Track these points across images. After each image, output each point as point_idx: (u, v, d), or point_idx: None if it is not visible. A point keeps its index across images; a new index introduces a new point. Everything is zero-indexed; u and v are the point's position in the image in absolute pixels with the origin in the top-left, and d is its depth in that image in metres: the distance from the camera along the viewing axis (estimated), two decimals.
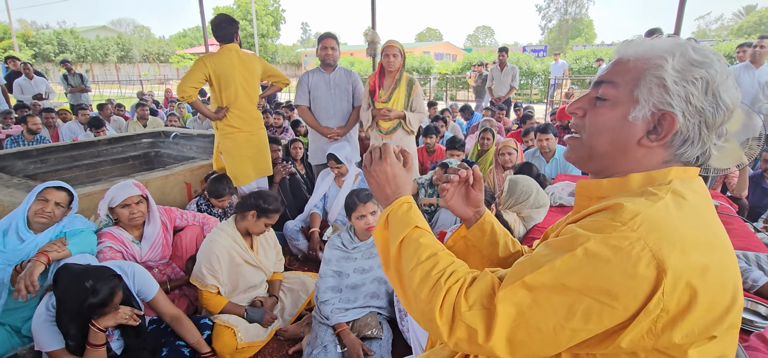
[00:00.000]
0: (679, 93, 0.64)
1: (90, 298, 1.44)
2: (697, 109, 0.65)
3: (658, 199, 0.62)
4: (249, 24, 27.77)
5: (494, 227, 1.02)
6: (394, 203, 0.84)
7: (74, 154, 3.96)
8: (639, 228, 0.58)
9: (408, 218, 0.81)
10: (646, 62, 0.67)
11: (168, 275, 2.26)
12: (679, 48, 0.66)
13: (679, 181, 0.67)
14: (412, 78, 3.11)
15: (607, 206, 0.64)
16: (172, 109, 7.52)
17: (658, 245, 0.56)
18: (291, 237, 2.85)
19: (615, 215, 0.61)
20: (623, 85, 0.70)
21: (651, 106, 0.67)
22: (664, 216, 0.59)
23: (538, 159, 3.68)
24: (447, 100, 14.28)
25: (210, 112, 2.93)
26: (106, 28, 38.99)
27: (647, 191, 0.65)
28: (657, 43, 0.68)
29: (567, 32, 43.37)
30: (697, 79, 0.64)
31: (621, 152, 0.72)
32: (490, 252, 1.02)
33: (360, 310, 1.98)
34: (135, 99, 9.81)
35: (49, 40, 29.84)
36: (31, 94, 6.39)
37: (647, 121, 0.68)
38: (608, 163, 0.74)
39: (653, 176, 0.69)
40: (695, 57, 0.64)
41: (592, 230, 0.61)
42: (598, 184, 0.75)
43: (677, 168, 0.69)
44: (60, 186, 1.98)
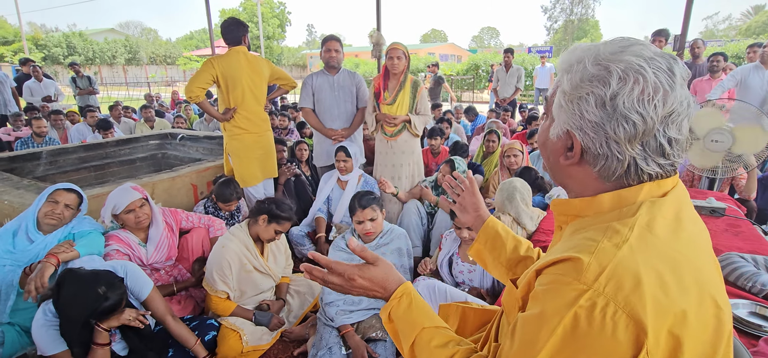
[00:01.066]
0: (573, 111, 0.62)
1: (103, 303, 1.46)
2: (596, 125, 0.61)
3: (621, 241, 0.57)
4: (255, 26, 27.94)
5: (499, 231, 1.07)
6: (391, 299, 0.83)
7: (83, 155, 4.00)
8: (606, 288, 0.53)
9: (411, 317, 0.80)
10: (559, 78, 0.67)
11: (175, 277, 2.28)
12: (582, 59, 0.62)
13: (648, 204, 0.61)
14: (416, 80, 3.12)
15: (569, 256, 0.58)
16: (178, 111, 7.58)
17: (630, 304, 0.51)
18: (297, 243, 2.85)
19: (579, 274, 0.55)
20: (549, 100, 0.70)
21: (561, 125, 0.66)
22: (629, 264, 0.54)
23: (541, 161, 3.66)
24: (452, 101, 14.23)
25: (217, 113, 2.95)
26: (114, 31, 39.45)
27: (612, 229, 0.59)
28: (570, 54, 0.66)
29: (573, 33, 43.13)
30: (588, 95, 0.60)
31: (553, 169, 0.72)
32: (498, 254, 1.07)
33: (365, 312, 1.98)
34: (142, 101, 9.90)
35: (58, 42, 30.22)
36: (40, 97, 6.47)
37: (562, 139, 0.67)
38: (557, 179, 0.73)
39: (623, 196, 0.63)
40: (591, 69, 0.60)
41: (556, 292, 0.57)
42: (570, 203, 0.71)
43: (650, 184, 0.62)
44: (70, 188, 2.00)
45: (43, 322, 1.49)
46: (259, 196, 3.06)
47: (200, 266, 2.37)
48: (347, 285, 0.83)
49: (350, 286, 0.83)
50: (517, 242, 1.07)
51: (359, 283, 0.83)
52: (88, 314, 1.47)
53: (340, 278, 0.83)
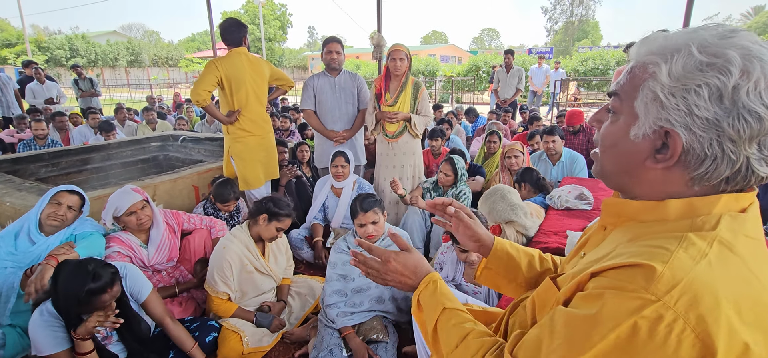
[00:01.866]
0: (678, 106, 0.54)
1: (90, 283, 1.44)
2: (709, 122, 0.53)
3: (700, 255, 0.51)
4: (257, 28, 28.02)
5: (509, 252, 1.01)
6: (420, 285, 0.88)
7: (85, 157, 4.02)
8: (677, 303, 0.48)
9: (435, 300, 0.84)
10: (644, 68, 0.58)
11: (176, 278, 2.28)
12: (682, 46, 0.54)
13: (729, 218, 0.55)
14: (417, 81, 3.12)
15: (638, 262, 0.53)
16: (180, 113, 7.61)
17: (701, 324, 0.47)
18: (296, 246, 2.85)
19: (648, 283, 0.50)
20: (625, 96, 0.61)
21: (651, 123, 0.57)
22: (708, 282, 0.49)
23: (544, 162, 3.65)
24: (452, 102, 14.25)
25: (223, 116, 2.92)
26: (117, 33, 39.56)
27: (688, 240, 0.53)
28: (665, 40, 0.57)
29: (573, 34, 43.12)
30: (700, 87, 0.52)
31: (627, 173, 0.63)
32: (515, 276, 1.01)
33: (366, 314, 1.98)
34: (145, 103, 9.94)
35: (60, 45, 30.33)
36: (42, 99, 6.50)
37: (651, 139, 0.58)
38: (622, 183, 0.66)
39: (695, 206, 0.57)
40: (701, 58, 0.52)
41: (617, 298, 0.52)
42: (626, 205, 0.65)
43: (727, 197, 0.56)
44: (72, 190, 2.00)
45: (40, 322, 1.49)
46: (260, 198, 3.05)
47: (202, 267, 2.38)
48: (383, 269, 0.90)
49: (386, 270, 0.90)
50: (531, 257, 1.02)
51: (393, 267, 0.90)
52: (77, 293, 1.44)
53: (377, 262, 0.91)
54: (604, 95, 13.92)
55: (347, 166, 2.92)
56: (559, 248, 2.15)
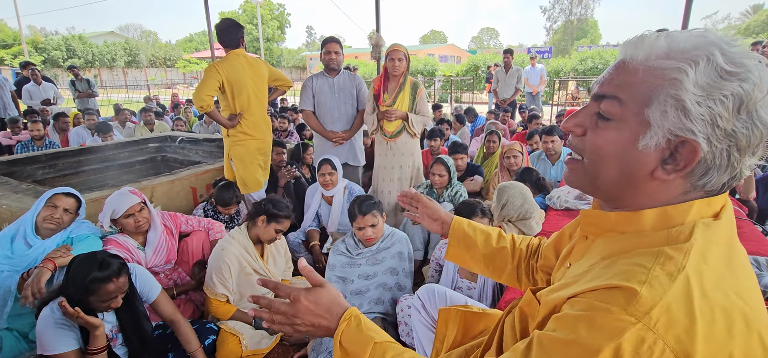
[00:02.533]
0: (703, 116, 0.51)
1: (96, 271, 1.44)
2: (727, 133, 0.51)
3: (676, 270, 0.51)
4: (255, 28, 27.96)
5: (466, 230, 1.10)
6: (340, 324, 0.76)
7: (82, 159, 4.00)
8: (656, 325, 0.47)
9: (361, 336, 0.74)
10: (660, 74, 0.53)
11: (174, 280, 2.27)
12: (704, 52, 0.51)
13: (703, 227, 0.55)
14: (416, 81, 3.11)
15: (617, 284, 0.52)
16: (178, 114, 7.58)
17: (681, 344, 0.47)
18: (293, 250, 2.82)
19: (628, 305, 0.49)
20: (631, 102, 0.56)
21: (666, 132, 0.54)
22: (683, 300, 0.49)
23: (543, 162, 3.65)
24: (451, 102, 14.25)
25: (226, 121, 2.87)
26: (114, 34, 39.47)
27: (665, 256, 0.53)
28: (675, 44, 0.53)
29: (572, 33, 43.19)
30: (726, 97, 0.50)
31: (630, 184, 0.59)
32: (473, 253, 1.11)
33: (365, 315, 1.97)
34: (142, 103, 9.91)
35: (57, 45, 30.24)
36: (39, 100, 6.47)
37: (661, 148, 0.55)
38: (616, 194, 0.63)
39: (670, 215, 0.57)
40: (725, 66, 0.50)
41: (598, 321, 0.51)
42: (604, 217, 0.64)
43: (700, 202, 0.56)
44: (68, 192, 1.99)
45: (52, 320, 1.47)
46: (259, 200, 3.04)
47: (200, 269, 2.36)
48: (291, 311, 0.76)
49: (294, 312, 0.76)
50: (487, 235, 1.10)
51: (304, 306, 0.76)
52: (84, 278, 1.45)
53: (285, 304, 0.77)
54: None
55: (335, 173, 2.84)
56: None
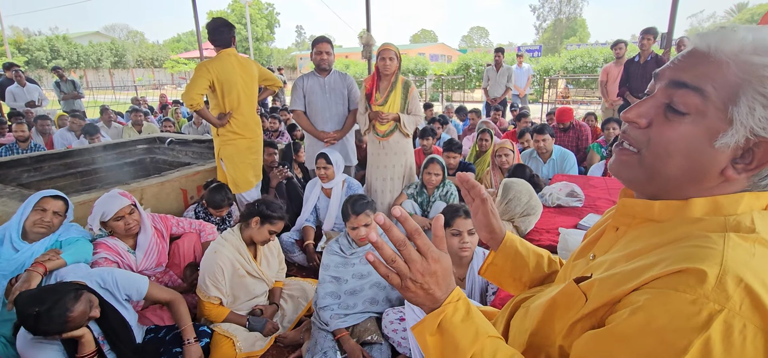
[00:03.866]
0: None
1: (41, 325, 1.37)
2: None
3: (749, 256, 0.49)
4: (244, 28, 27.71)
5: (519, 249, 0.97)
6: (445, 304, 0.64)
7: (68, 161, 3.92)
8: (742, 307, 0.46)
9: (471, 326, 0.64)
10: (750, 70, 0.51)
11: (165, 283, 2.24)
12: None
13: (759, 216, 0.54)
14: (408, 80, 3.11)
15: (688, 267, 0.49)
16: (166, 115, 7.48)
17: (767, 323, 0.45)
18: (287, 250, 2.82)
19: (707, 290, 0.47)
20: (715, 97, 0.53)
21: (748, 131, 0.52)
22: (761, 283, 0.47)
23: (535, 160, 3.68)
24: (443, 101, 14.29)
25: (215, 119, 2.87)
26: (100, 34, 38.84)
27: (732, 241, 0.51)
28: (763, 41, 0.51)
29: (561, 32, 43.63)
30: None
31: (695, 181, 0.58)
32: (520, 275, 0.97)
33: (359, 315, 1.97)
34: (129, 105, 9.76)
35: (41, 46, 29.65)
36: (23, 102, 6.33)
37: (737, 147, 0.53)
38: (671, 189, 0.60)
39: (720, 204, 0.56)
40: None
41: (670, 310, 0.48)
42: (648, 206, 0.62)
43: (749, 195, 0.55)
44: (56, 195, 1.95)
45: (30, 336, 1.45)
46: (252, 200, 3.02)
47: (192, 272, 2.34)
48: (422, 267, 0.62)
49: (425, 269, 0.62)
50: (539, 257, 0.98)
51: (434, 267, 0.62)
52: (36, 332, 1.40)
53: (418, 259, 0.62)
54: (592, 92, 14.08)
55: (330, 167, 2.88)
56: (551, 245, 2.16)
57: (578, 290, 0.64)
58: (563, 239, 2.07)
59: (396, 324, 1.88)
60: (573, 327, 0.63)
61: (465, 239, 1.89)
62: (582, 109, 11.01)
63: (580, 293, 0.63)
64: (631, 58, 4.88)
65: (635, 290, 0.54)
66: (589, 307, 0.60)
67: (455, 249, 1.92)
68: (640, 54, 4.73)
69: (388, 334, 1.89)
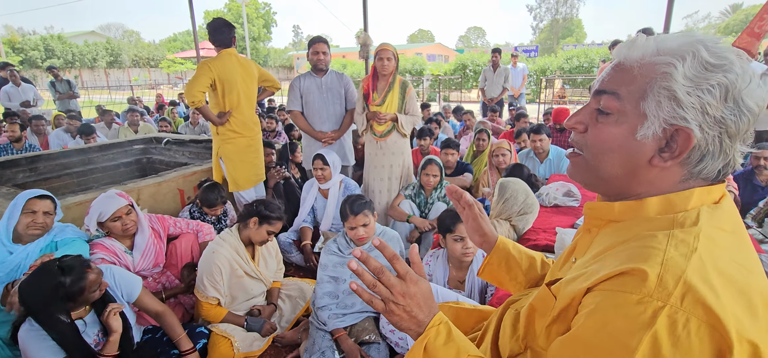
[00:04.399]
0: (693, 104, 0.55)
1: (61, 277, 1.40)
2: (717, 120, 0.56)
3: (690, 251, 0.53)
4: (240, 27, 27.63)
5: (511, 252, 1.02)
6: (429, 329, 0.70)
7: (64, 162, 3.90)
8: (684, 302, 0.48)
9: (453, 347, 0.69)
10: (652, 69, 0.58)
11: (163, 284, 2.23)
12: (690, 49, 0.56)
13: (706, 211, 0.58)
14: (405, 81, 3.12)
15: (632, 268, 0.53)
16: (162, 115, 7.45)
17: (710, 316, 0.48)
18: (284, 250, 2.82)
19: (649, 289, 0.50)
20: (628, 97, 0.61)
21: (661, 122, 0.58)
22: (704, 276, 0.50)
23: (531, 160, 3.69)
24: (440, 101, 14.31)
25: (215, 117, 2.89)
26: (95, 33, 38.62)
27: (675, 238, 0.55)
28: (664, 44, 0.59)
29: (558, 32, 43.76)
30: (713, 86, 0.55)
31: (631, 174, 0.63)
32: (515, 275, 1.02)
33: (357, 315, 1.97)
34: (125, 105, 9.71)
35: (35, 45, 29.44)
36: (18, 102, 6.28)
37: (658, 138, 0.59)
38: (619, 186, 0.66)
39: (672, 201, 0.60)
40: (710, 59, 0.55)
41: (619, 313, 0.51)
42: (609, 208, 0.67)
43: (700, 190, 0.60)
44: (42, 194, 1.93)
45: (33, 333, 1.44)
46: (250, 200, 3.02)
47: (189, 272, 2.33)
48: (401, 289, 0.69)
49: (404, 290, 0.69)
50: (532, 260, 1.02)
51: (414, 290, 0.70)
52: (53, 298, 1.41)
53: (396, 281, 0.69)
54: (588, 93, 14.13)
55: (327, 168, 2.87)
56: (548, 244, 2.17)
57: (549, 293, 0.69)
58: (560, 238, 2.07)
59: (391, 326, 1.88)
60: (549, 329, 0.67)
61: (468, 244, 1.92)
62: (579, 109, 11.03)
63: (551, 296, 0.68)
64: None
65: (589, 291, 0.58)
66: (557, 308, 0.64)
67: (458, 254, 1.94)
68: None
69: (386, 334, 1.89)
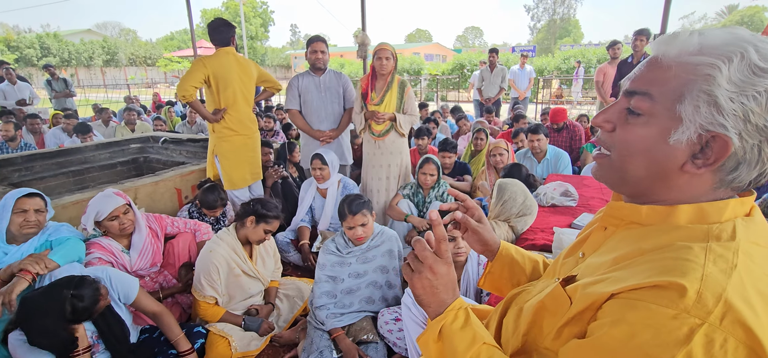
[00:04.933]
0: (736, 111, 0.51)
1: (76, 303, 1.44)
2: (758, 128, 0.52)
3: (730, 268, 0.50)
4: (238, 26, 27.57)
5: (514, 257, 0.99)
6: (447, 311, 0.72)
7: (60, 160, 3.87)
8: (723, 322, 0.47)
9: (469, 332, 0.70)
10: (693, 70, 0.54)
11: (160, 283, 2.23)
12: (738, 50, 0.51)
13: (743, 225, 0.55)
14: (403, 80, 3.12)
15: (669, 281, 0.50)
16: (159, 114, 7.41)
17: (750, 337, 0.46)
18: (282, 249, 2.81)
19: (688, 304, 0.48)
20: (662, 98, 0.57)
21: (697, 127, 0.54)
22: (744, 295, 0.48)
23: (529, 160, 3.70)
24: (438, 100, 14.32)
25: (208, 113, 2.90)
26: (91, 32, 38.41)
27: (714, 252, 0.52)
28: (708, 40, 0.54)
29: (555, 32, 43.87)
30: (759, 93, 0.50)
31: (660, 179, 0.60)
32: (518, 281, 0.99)
33: (355, 315, 1.97)
34: (122, 103, 9.66)
35: (31, 43, 29.25)
36: (14, 100, 6.24)
37: (692, 143, 0.55)
38: (645, 189, 0.63)
39: (706, 211, 0.57)
40: (760, 63, 0.50)
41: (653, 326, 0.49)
42: (635, 210, 0.64)
43: (734, 201, 0.57)
44: (31, 192, 1.91)
45: (22, 341, 1.44)
46: (244, 199, 3.01)
47: (187, 272, 2.33)
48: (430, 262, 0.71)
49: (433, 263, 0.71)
50: (535, 264, 1.00)
51: (443, 268, 0.72)
52: (61, 318, 1.43)
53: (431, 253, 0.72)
54: (585, 92, 14.17)
55: (326, 168, 2.87)
56: (545, 244, 2.18)
57: (564, 294, 0.66)
58: (558, 238, 2.08)
59: (391, 324, 1.88)
60: (561, 331, 0.65)
61: (460, 244, 1.93)
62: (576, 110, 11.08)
63: (566, 297, 0.66)
64: (624, 59, 4.94)
65: (614, 296, 0.55)
66: (574, 310, 0.62)
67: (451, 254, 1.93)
68: (633, 55, 4.79)
69: (384, 334, 1.90)
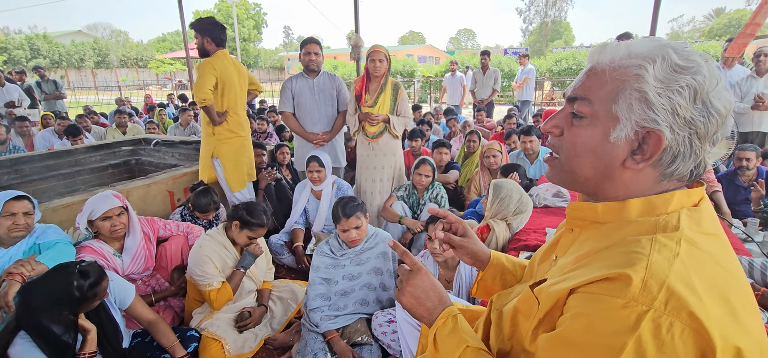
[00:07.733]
0: (664, 105, 0.57)
1: (80, 281, 1.43)
2: (687, 121, 0.57)
3: (672, 256, 0.54)
4: (230, 28, 27.41)
5: (505, 265, 1.01)
6: (438, 319, 0.80)
7: (50, 163, 3.82)
8: (668, 306, 0.50)
9: (456, 338, 0.77)
10: (624, 72, 0.59)
11: (152, 287, 2.21)
12: (659, 52, 0.58)
13: (686, 215, 0.59)
14: (397, 82, 3.13)
15: (617, 273, 0.54)
16: (151, 116, 7.35)
17: (694, 321, 0.48)
18: (276, 252, 2.81)
19: (634, 293, 0.51)
20: (599, 101, 0.62)
21: (633, 124, 0.59)
22: (687, 280, 0.51)
23: (522, 161, 3.73)
24: (431, 102, 14.36)
25: (217, 117, 2.88)
26: (82, 33, 37.97)
27: (658, 242, 0.55)
28: (634, 47, 0.60)
29: (547, 35, 44.22)
30: (683, 88, 0.56)
31: (606, 176, 0.64)
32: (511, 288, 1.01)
33: (349, 317, 1.97)
34: (113, 105, 9.56)
35: (20, 45, 28.85)
36: (3, 102, 6.15)
37: (630, 140, 0.60)
38: (595, 187, 0.67)
39: (654, 203, 0.61)
40: (679, 62, 0.56)
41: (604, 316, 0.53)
42: (592, 208, 0.67)
43: (680, 193, 0.60)
44: (18, 195, 1.89)
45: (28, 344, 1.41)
46: (246, 200, 3.00)
47: (179, 275, 2.31)
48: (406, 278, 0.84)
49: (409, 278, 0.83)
50: (525, 269, 1.01)
51: (420, 282, 0.83)
52: (66, 299, 1.42)
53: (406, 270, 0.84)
54: None
55: (322, 170, 2.88)
56: (538, 244, 2.20)
57: (532, 296, 0.70)
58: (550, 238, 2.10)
59: (385, 326, 1.88)
60: (536, 332, 0.68)
61: (437, 245, 1.92)
62: None
63: (534, 299, 0.69)
64: None
65: (573, 291, 0.59)
66: (542, 310, 0.65)
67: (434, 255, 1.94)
68: None
69: (378, 336, 1.90)
